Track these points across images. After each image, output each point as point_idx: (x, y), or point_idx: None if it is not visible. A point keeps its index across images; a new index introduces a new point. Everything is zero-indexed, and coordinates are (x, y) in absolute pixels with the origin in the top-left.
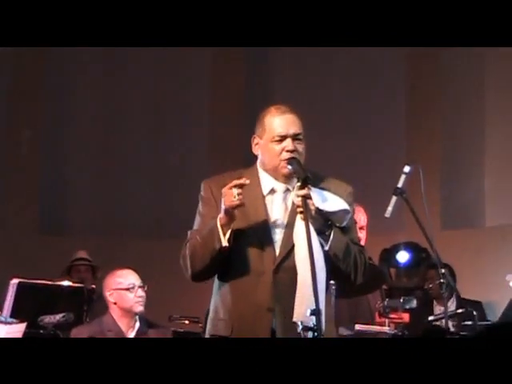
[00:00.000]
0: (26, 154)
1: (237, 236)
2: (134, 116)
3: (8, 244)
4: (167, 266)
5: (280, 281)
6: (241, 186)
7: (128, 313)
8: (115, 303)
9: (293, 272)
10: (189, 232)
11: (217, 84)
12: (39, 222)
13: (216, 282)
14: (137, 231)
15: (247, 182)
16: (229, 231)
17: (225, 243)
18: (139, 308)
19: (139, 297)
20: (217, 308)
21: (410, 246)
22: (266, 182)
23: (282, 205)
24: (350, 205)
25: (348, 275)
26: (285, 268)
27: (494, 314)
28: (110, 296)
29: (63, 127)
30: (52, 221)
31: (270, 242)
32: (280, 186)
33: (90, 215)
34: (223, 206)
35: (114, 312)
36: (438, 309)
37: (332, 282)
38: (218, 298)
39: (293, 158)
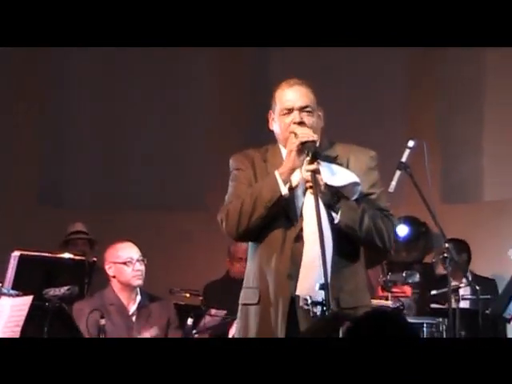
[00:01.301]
0: (25, 126)
1: None
2: (134, 88)
3: (7, 215)
4: (166, 239)
5: (300, 249)
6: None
7: (127, 286)
8: (114, 276)
9: None
10: (226, 197)
11: (218, 71)
12: (38, 194)
13: (249, 251)
14: (136, 204)
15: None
16: (287, 184)
17: (285, 191)
18: (137, 282)
19: (137, 270)
20: (248, 276)
21: (410, 220)
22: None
23: (301, 177)
24: (373, 169)
25: (372, 242)
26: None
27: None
28: (108, 269)
29: (63, 101)
30: (52, 193)
31: (293, 211)
32: None
33: (90, 187)
34: (294, 146)
35: (115, 285)
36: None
37: None
38: (249, 265)
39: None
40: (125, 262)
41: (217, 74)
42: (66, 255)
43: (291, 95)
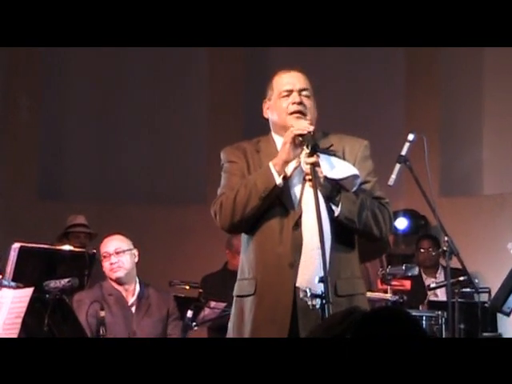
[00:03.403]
0: (25, 120)
1: None
2: (134, 82)
3: (7, 208)
4: (167, 232)
5: (299, 237)
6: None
7: (112, 279)
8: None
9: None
10: (219, 190)
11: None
12: (38, 187)
13: (243, 243)
14: (136, 197)
15: (312, 128)
16: (281, 175)
17: (279, 181)
18: (114, 275)
19: (112, 264)
20: (242, 268)
21: (409, 213)
22: None
23: (297, 166)
24: (368, 158)
25: (370, 232)
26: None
27: (491, 283)
28: (102, 264)
29: (62, 94)
30: (51, 186)
31: (289, 200)
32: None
33: (89, 180)
34: (289, 138)
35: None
36: (429, 281)
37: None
38: (243, 257)
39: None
40: (101, 257)
41: (218, 69)
42: (66, 247)
43: (290, 78)
